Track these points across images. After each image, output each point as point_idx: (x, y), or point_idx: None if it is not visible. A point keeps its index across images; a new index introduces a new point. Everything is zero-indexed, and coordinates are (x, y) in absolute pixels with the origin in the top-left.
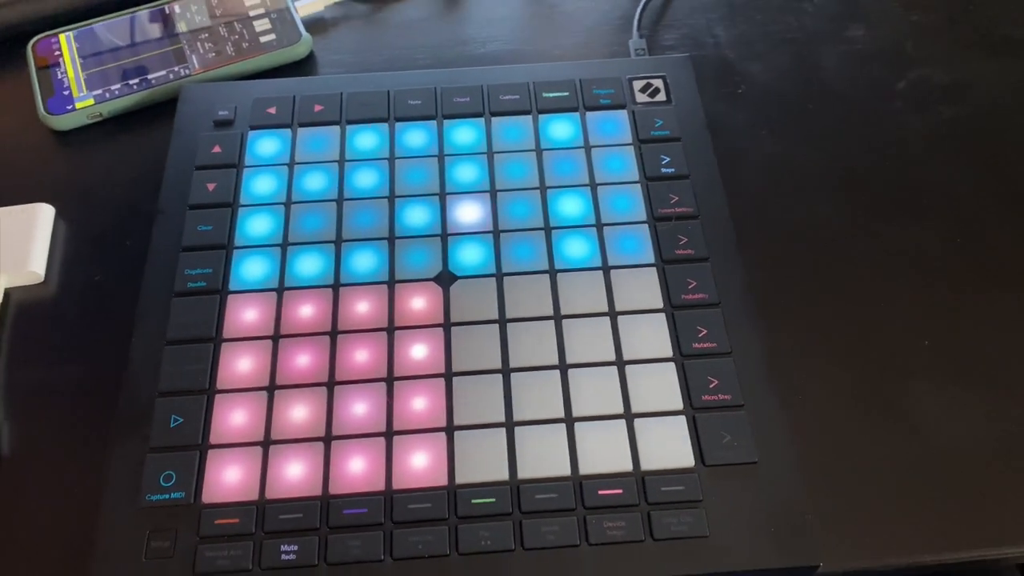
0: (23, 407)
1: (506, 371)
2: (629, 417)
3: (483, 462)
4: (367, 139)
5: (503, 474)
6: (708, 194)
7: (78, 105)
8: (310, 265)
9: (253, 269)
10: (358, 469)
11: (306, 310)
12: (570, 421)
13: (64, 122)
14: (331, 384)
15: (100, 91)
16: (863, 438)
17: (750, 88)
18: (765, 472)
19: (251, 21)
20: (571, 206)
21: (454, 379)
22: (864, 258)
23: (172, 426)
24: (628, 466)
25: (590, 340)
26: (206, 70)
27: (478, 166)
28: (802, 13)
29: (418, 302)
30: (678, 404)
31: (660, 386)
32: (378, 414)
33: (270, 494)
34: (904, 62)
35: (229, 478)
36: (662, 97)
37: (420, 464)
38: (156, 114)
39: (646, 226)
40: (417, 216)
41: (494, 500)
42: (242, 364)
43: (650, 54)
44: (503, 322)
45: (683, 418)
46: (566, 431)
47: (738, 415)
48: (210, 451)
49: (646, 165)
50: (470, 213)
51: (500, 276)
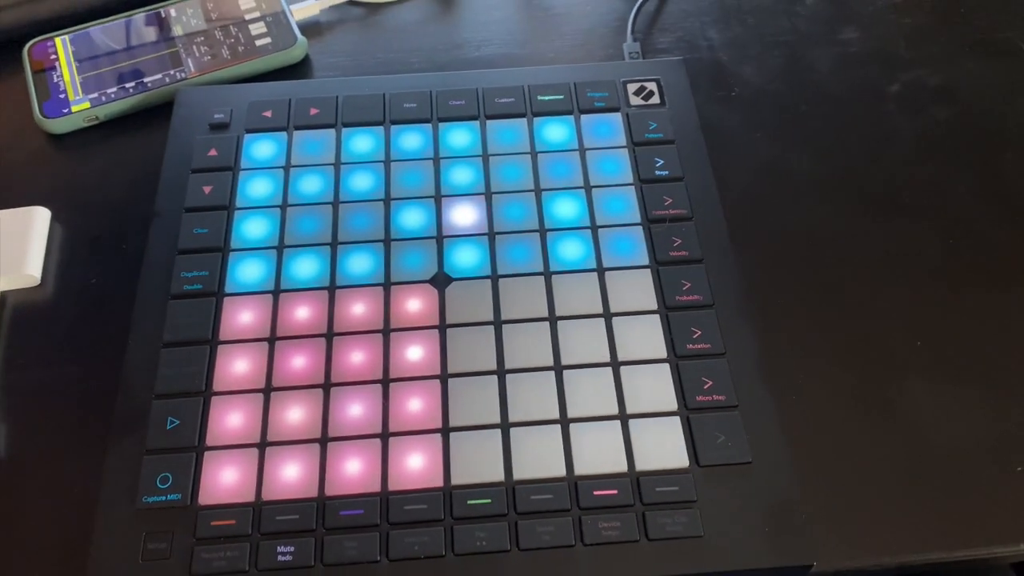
0: (20, 409)
1: (501, 372)
2: (624, 418)
3: (479, 463)
4: (362, 142)
5: (499, 475)
6: (702, 196)
7: (74, 108)
8: (306, 267)
9: (249, 271)
10: (354, 470)
11: (302, 312)
12: (565, 422)
13: (60, 125)
14: (327, 386)
15: (96, 94)
16: (857, 438)
17: (744, 91)
18: (759, 472)
19: (247, 25)
20: (566, 208)
21: (450, 380)
22: (858, 259)
23: (168, 428)
24: (623, 467)
25: (585, 341)
26: (202, 73)
27: (473, 169)
28: (795, 16)
29: (414, 304)
30: (672, 405)
31: (655, 387)
32: (374, 416)
33: (266, 496)
34: (897, 64)
35: (225, 480)
36: (656, 100)
37: (416, 465)
38: (152, 117)
39: (640, 228)
40: (413, 218)
41: (490, 501)
42: (238, 366)
43: (644, 57)
44: (498, 324)
45: (677, 419)
46: (561, 432)
47: (732, 415)
48: (206, 453)
49: (640, 167)
50: (465, 215)
51: (495, 278)
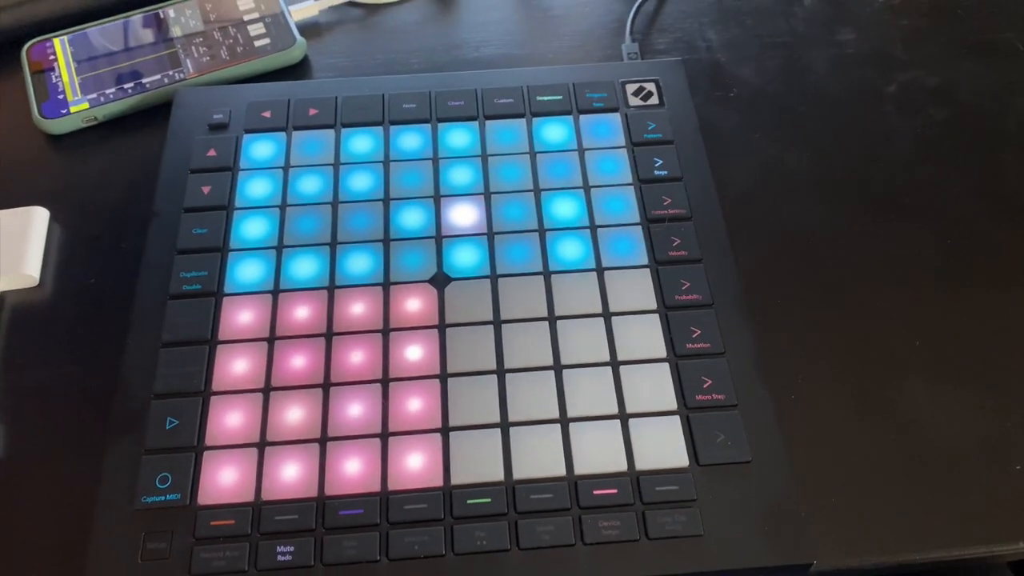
0: (19, 409)
1: (501, 372)
2: (624, 417)
3: (478, 463)
4: (362, 142)
5: (498, 474)
6: (701, 196)
7: (73, 109)
8: (305, 267)
9: (248, 271)
10: (354, 470)
11: (301, 312)
12: (565, 422)
13: (59, 126)
14: (326, 386)
15: (95, 95)
16: (856, 437)
17: (742, 91)
18: (759, 471)
19: (245, 25)
20: (565, 208)
21: (449, 380)
22: (856, 258)
23: (168, 428)
24: (623, 466)
25: (584, 341)
26: (200, 74)
27: (472, 169)
28: (793, 17)
29: (413, 304)
30: (672, 404)
31: (654, 386)
32: (373, 415)
33: (266, 495)
34: (895, 65)
35: (225, 480)
36: (655, 100)
37: (416, 465)
38: (151, 118)
39: (639, 228)
40: (412, 218)
41: (490, 500)
42: (237, 366)
43: (643, 58)
44: (498, 323)
45: (677, 418)
46: (561, 432)
47: (732, 415)
48: (206, 453)
49: (639, 167)
50: (465, 215)
51: (495, 278)
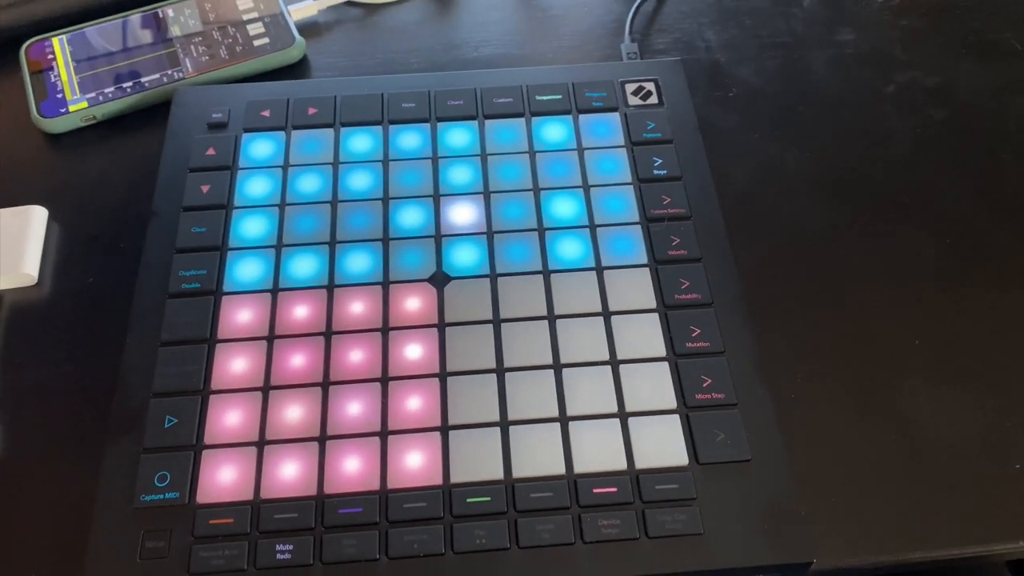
0: (17, 408)
1: (500, 371)
2: (623, 416)
3: (478, 461)
4: (361, 141)
5: (498, 473)
6: (700, 195)
7: (71, 108)
8: (304, 266)
9: (247, 270)
10: (353, 469)
11: (300, 311)
12: (564, 420)
13: (57, 125)
14: (326, 384)
15: (93, 94)
16: (855, 436)
17: (741, 91)
18: (758, 470)
19: (244, 25)
20: (564, 207)
21: (448, 379)
22: (856, 258)
23: (166, 427)
24: (622, 464)
25: (584, 340)
26: (199, 73)
27: (472, 168)
28: (792, 17)
29: (412, 303)
30: (672, 403)
31: (654, 385)
32: (373, 414)
33: (265, 494)
34: (893, 65)
35: (224, 478)
36: (654, 100)
37: (415, 463)
38: (150, 117)
39: (639, 227)
40: (411, 217)
41: (489, 499)
42: (236, 365)
43: (642, 58)
44: (497, 322)
45: (677, 417)
46: (560, 430)
47: (731, 413)
48: (204, 451)
49: (638, 167)
50: (464, 214)
51: (494, 277)
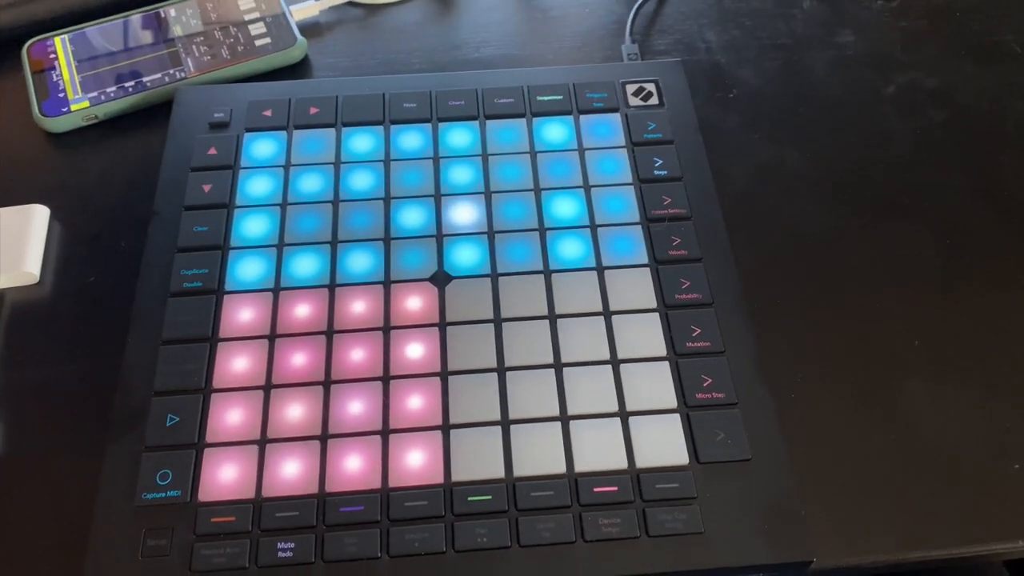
0: (19, 407)
1: (501, 370)
2: (624, 415)
3: (479, 460)
4: (362, 141)
5: (499, 472)
6: (701, 196)
7: (73, 107)
8: (306, 265)
9: (249, 269)
10: (354, 467)
11: (302, 310)
12: (565, 419)
13: (59, 124)
14: (327, 383)
15: (95, 93)
16: (855, 435)
17: (742, 92)
18: (759, 469)
19: (246, 25)
20: (565, 207)
21: (450, 378)
22: (856, 258)
23: (168, 425)
24: (623, 464)
25: (585, 339)
26: (201, 73)
27: (473, 168)
28: (792, 19)
29: (414, 302)
30: (672, 402)
31: (654, 385)
32: (374, 413)
33: (266, 492)
34: (893, 67)
35: (225, 476)
36: (655, 101)
37: (416, 462)
38: (151, 116)
39: (639, 227)
40: (412, 217)
41: (490, 498)
42: (238, 363)
43: (642, 59)
44: (498, 322)
45: (677, 416)
46: (561, 429)
47: (732, 413)
48: (206, 450)
49: (639, 167)
50: (465, 214)
51: (495, 276)
